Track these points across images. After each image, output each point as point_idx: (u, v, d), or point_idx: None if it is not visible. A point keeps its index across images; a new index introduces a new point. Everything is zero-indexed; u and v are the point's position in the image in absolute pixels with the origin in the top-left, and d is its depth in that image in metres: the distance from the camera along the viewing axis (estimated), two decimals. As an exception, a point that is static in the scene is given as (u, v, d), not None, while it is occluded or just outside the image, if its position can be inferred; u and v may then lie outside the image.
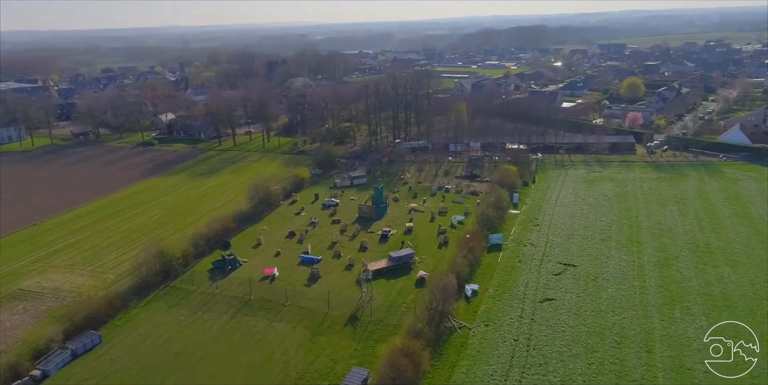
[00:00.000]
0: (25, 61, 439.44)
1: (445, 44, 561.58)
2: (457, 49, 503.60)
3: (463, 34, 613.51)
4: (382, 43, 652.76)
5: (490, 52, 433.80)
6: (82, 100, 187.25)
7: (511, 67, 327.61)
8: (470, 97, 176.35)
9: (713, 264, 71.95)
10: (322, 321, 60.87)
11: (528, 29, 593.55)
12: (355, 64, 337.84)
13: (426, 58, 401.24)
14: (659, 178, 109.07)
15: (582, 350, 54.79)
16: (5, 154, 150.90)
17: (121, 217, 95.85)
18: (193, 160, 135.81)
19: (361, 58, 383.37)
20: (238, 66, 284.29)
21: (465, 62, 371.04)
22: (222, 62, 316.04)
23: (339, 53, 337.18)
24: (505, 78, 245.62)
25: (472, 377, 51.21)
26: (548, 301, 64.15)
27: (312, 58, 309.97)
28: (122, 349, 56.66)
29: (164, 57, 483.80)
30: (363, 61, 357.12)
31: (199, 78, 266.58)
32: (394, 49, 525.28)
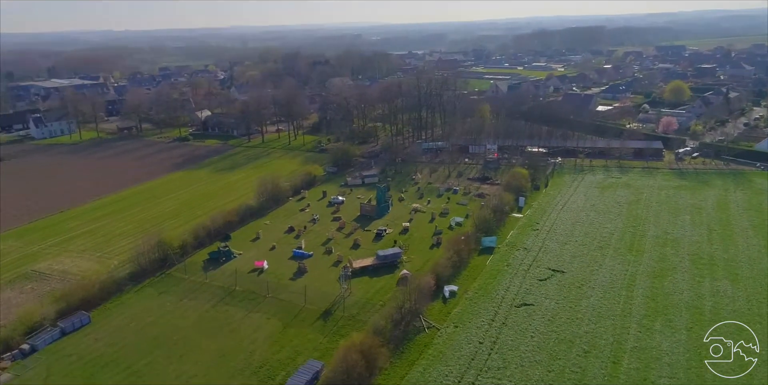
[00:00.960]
0: (95, 59, 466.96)
1: (497, 45, 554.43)
2: (507, 50, 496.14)
3: (515, 35, 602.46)
4: (435, 44, 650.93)
5: (540, 54, 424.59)
6: (129, 96, 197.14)
7: (558, 69, 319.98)
8: (504, 99, 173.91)
9: (712, 277, 68.91)
10: (297, 314, 62.69)
11: (584, 30, 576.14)
12: (399, 64, 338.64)
13: (473, 59, 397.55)
14: (680, 186, 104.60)
15: (545, 356, 54.09)
16: (56, 146, 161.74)
17: (139, 207, 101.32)
18: (219, 156, 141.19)
19: (406, 58, 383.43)
20: (282, 65, 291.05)
21: (512, 64, 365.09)
22: (270, 62, 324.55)
23: (382, 53, 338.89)
24: (546, 80, 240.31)
25: (426, 377, 51.63)
26: (525, 306, 63.48)
27: (355, 59, 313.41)
28: (107, 330, 60.50)
29: (221, 56, 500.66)
30: (407, 62, 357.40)
31: (244, 77, 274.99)
32: (445, 50, 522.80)
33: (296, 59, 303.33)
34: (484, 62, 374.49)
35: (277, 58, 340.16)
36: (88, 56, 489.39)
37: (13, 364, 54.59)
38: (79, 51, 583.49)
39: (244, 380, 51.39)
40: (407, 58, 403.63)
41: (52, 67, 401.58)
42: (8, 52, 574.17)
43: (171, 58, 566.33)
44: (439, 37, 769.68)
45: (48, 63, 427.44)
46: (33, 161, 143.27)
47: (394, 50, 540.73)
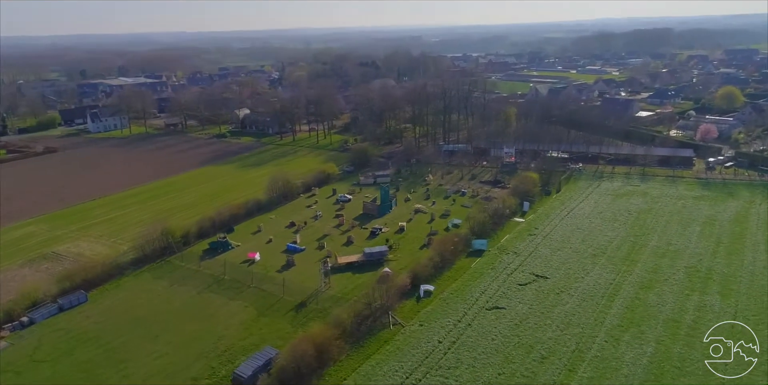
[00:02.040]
0: (163, 58, 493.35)
1: (556, 48, 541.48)
2: (565, 52, 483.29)
3: (576, 38, 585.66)
4: (495, 46, 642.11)
5: (598, 57, 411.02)
6: (176, 95, 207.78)
7: (612, 73, 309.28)
8: (540, 103, 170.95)
9: (702, 291, 66.17)
10: (273, 304, 65.51)
11: (650, 32, 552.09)
12: (448, 66, 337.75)
13: (526, 61, 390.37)
14: (700, 196, 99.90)
15: (500, 359, 54.17)
16: (107, 140, 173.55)
17: (162, 198, 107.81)
18: (249, 153, 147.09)
19: (456, 60, 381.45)
20: (330, 66, 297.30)
21: (565, 67, 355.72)
22: (322, 63, 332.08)
23: (429, 55, 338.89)
24: (593, 84, 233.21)
25: (377, 371, 52.97)
26: (496, 309, 63.43)
27: (402, 60, 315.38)
28: (100, 309, 65.58)
29: (281, 57, 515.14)
30: (456, 64, 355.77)
31: (292, 77, 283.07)
32: (504, 52, 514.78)
33: (344, 60, 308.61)
34: (537, 65, 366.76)
35: (327, 59, 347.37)
36: (157, 56, 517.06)
37: (11, 334, 60.39)
38: (151, 51, 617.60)
39: (207, 363, 54.57)
40: (460, 60, 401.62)
41: (123, 66, 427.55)
42: (89, 51, 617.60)
43: (235, 59, 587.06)
44: (501, 39, 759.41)
45: (121, 62, 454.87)
46: (82, 153, 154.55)
47: (450, 52, 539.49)
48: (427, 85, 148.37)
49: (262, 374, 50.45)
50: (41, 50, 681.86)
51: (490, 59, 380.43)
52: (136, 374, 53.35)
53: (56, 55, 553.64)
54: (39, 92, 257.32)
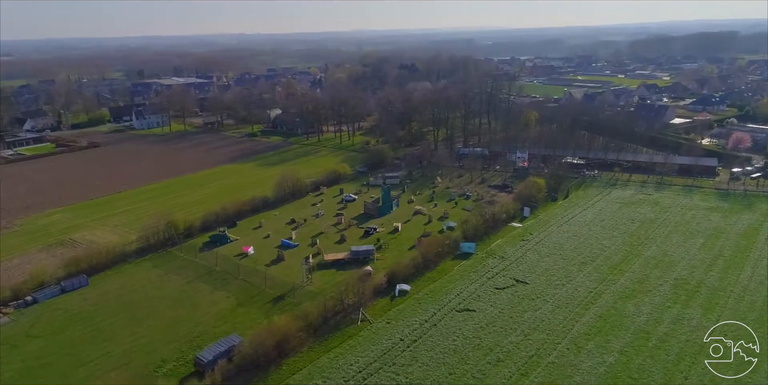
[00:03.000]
0: (218, 59, 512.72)
1: (611, 51, 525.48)
2: (619, 56, 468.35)
3: (632, 41, 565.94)
4: (550, 49, 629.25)
5: (652, 61, 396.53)
6: (214, 95, 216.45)
7: (663, 78, 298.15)
8: (569, 108, 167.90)
9: (685, 304, 64.44)
10: (254, 296, 68.58)
11: (712, 36, 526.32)
12: (490, 69, 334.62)
13: (573, 66, 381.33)
14: (714, 207, 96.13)
15: (456, 360, 54.98)
16: (148, 136, 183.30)
17: (181, 192, 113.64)
18: (274, 152, 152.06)
19: (500, 64, 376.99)
20: (370, 68, 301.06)
21: (614, 71, 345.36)
22: (363, 65, 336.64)
23: (472, 58, 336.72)
24: (635, 89, 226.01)
25: (332, 364, 54.88)
26: (467, 311, 64.05)
27: (443, 63, 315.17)
28: (97, 292, 70.61)
29: (331, 58, 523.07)
30: (500, 68, 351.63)
31: (332, 79, 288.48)
32: (559, 55, 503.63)
33: (385, 63, 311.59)
34: (584, 69, 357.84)
35: (370, 61, 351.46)
36: (214, 57, 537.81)
37: (15, 311, 66.10)
38: (211, 52, 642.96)
39: (178, 346, 58.11)
40: (507, 63, 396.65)
41: (178, 66, 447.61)
42: (154, 52, 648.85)
43: (288, 60, 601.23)
44: (557, 42, 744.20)
45: (179, 63, 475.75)
46: (122, 148, 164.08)
47: (501, 55, 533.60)
48: (449, 88, 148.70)
49: (222, 360, 53.28)
50: (110, 51, 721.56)
51: (535, 63, 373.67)
52: (114, 352, 57.49)
53: (124, 56, 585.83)
54: (96, 91, 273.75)
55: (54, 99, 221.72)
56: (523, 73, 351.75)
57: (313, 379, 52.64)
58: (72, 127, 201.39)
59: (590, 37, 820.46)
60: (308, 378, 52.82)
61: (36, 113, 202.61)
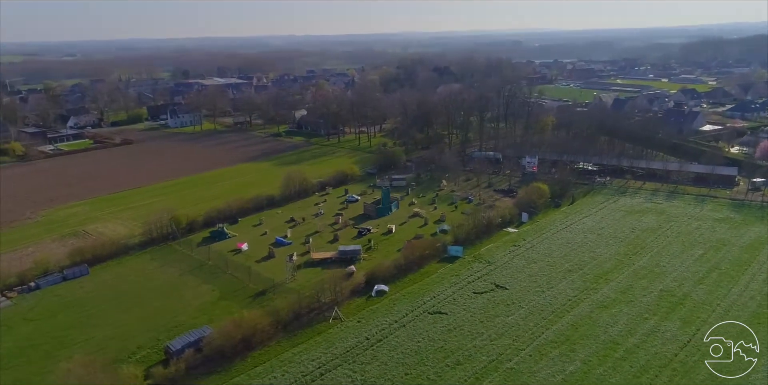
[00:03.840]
0: (263, 60, 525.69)
1: (661, 54, 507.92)
2: (668, 59, 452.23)
3: (684, 44, 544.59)
4: (599, 52, 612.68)
5: (701, 65, 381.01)
6: (251, 94, 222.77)
7: (708, 83, 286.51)
8: (597, 113, 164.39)
9: (664, 316, 62.80)
10: (237, 290, 71.18)
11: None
12: (527, 72, 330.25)
13: (616, 69, 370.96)
14: (724, 218, 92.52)
15: (415, 361, 55.67)
16: (179, 134, 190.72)
17: (195, 189, 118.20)
18: (293, 152, 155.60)
19: (539, 67, 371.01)
20: (403, 70, 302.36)
21: (657, 75, 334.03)
22: (396, 67, 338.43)
23: (508, 61, 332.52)
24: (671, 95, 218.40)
25: (296, 358, 56.52)
26: (438, 314, 64.50)
27: (479, 65, 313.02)
28: (95, 281, 74.90)
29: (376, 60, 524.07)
30: (537, 71, 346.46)
31: (365, 80, 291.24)
32: (607, 58, 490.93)
33: (419, 64, 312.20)
34: (627, 73, 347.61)
35: (404, 63, 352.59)
36: (261, 58, 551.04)
37: (18, 295, 70.98)
38: (259, 53, 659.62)
39: (156, 335, 61.07)
40: (549, 66, 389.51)
41: (222, 67, 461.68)
42: (206, 53, 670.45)
43: (334, 62, 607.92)
44: (607, 44, 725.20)
45: (227, 64, 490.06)
46: (153, 145, 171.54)
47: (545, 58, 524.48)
48: (464, 92, 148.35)
49: (190, 349, 55.84)
50: (166, 52, 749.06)
51: (575, 66, 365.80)
52: (96, 337, 61.07)
53: (177, 56, 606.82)
54: (139, 90, 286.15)
55: (97, 98, 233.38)
56: (562, 76, 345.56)
57: (273, 372, 54.46)
58: (111, 124, 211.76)
59: (644, 39, 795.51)
60: (269, 371, 54.68)
61: (79, 111, 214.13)
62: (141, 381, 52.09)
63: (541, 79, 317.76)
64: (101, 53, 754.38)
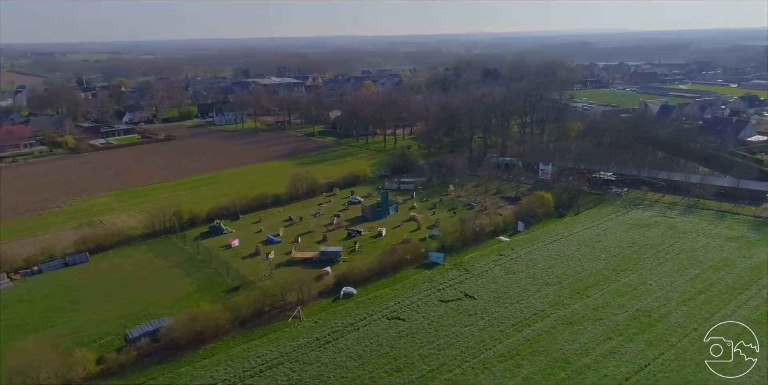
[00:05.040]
0: (323, 61, 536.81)
1: (740, 57, 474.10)
2: (747, 63, 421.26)
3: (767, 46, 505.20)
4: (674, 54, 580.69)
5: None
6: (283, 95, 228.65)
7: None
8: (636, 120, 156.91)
9: (630, 338, 59.78)
10: (214, 285, 74.11)
11: None
12: (583, 75, 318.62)
13: (683, 73, 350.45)
14: (737, 237, 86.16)
15: (355, 364, 56.15)
16: (221, 132, 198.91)
17: (213, 185, 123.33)
18: (319, 152, 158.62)
19: (606, 69, 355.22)
20: (452, 72, 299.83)
21: (726, 80, 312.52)
22: (445, 68, 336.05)
23: (561, 63, 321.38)
24: (731, 102, 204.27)
25: (243, 354, 58.17)
26: (396, 319, 64.52)
27: (530, 68, 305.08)
28: (92, 269, 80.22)
29: (434, 61, 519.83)
30: (593, 73, 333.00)
31: (411, 82, 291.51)
32: (682, 61, 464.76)
33: (467, 66, 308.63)
34: (693, 77, 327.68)
35: (457, 65, 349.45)
36: (323, 58, 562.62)
37: (21, 278, 77.25)
38: (323, 53, 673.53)
39: (125, 322, 64.38)
40: (611, 69, 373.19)
41: (283, 66, 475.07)
42: (272, 53, 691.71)
43: (395, 62, 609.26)
44: (686, 46, 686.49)
45: (288, 63, 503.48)
46: (192, 142, 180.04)
47: (612, 60, 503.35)
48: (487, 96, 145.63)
49: (146, 338, 59.00)
50: (236, 51, 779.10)
51: (635, 69, 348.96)
52: (74, 321, 65.58)
53: (246, 56, 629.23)
54: (196, 88, 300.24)
55: (153, 95, 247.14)
56: (621, 80, 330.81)
57: (218, 365, 56.49)
58: (163, 121, 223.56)
59: (727, 41, 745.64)
60: (214, 364, 56.79)
61: (135, 107, 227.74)
62: (93, 365, 55.58)
63: (596, 83, 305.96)
64: (177, 52, 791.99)
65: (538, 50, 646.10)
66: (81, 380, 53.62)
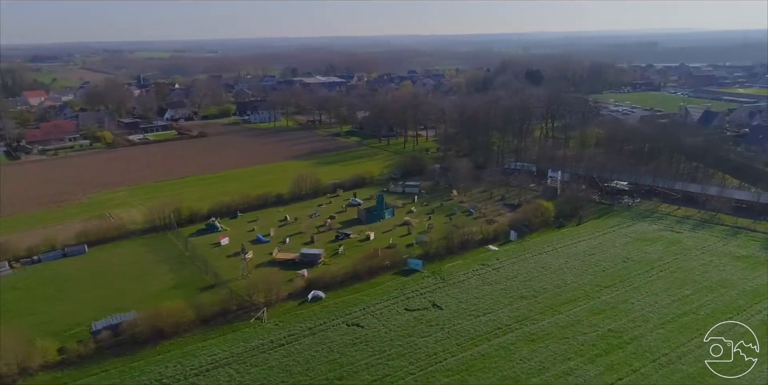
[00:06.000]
0: (381, 60, 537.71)
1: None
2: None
3: None
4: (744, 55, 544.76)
5: None
6: (336, 94, 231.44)
7: None
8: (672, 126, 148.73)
9: (592, 358, 56.90)
10: (192, 281, 76.07)
11: None
12: (633, 77, 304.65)
13: (746, 76, 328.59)
14: (745, 256, 79.99)
15: (301, 369, 56.23)
16: (253, 130, 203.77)
17: (225, 182, 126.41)
18: (338, 152, 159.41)
19: (668, 71, 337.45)
20: (492, 74, 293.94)
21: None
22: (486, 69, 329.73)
23: (605, 65, 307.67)
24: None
25: (197, 352, 59.41)
26: (356, 326, 64.12)
27: (575, 69, 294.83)
28: (88, 260, 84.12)
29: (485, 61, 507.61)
30: (645, 75, 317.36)
31: (451, 83, 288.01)
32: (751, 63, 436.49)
33: (509, 67, 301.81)
34: (755, 81, 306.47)
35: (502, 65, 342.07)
36: (375, 58, 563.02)
37: (21, 267, 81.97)
38: (376, 52, 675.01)
39: (97, 314, 66.67)
40: (662, 72, 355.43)
41: (332, 65, 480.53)
42: (330, 52, 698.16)
43: (449, 62, 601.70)
44: (759, 46, 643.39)
45: (340, 62, 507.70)
46: (222, 139, 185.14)
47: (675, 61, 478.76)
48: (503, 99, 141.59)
49: (108, 331, 61.27)
50: (292, 50, 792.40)
51: (690, 71, 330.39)
52: (54, 310, 68.95)
53: (301, 54, 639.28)
54: (241, 86, 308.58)
55: (195, 92, 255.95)
56: (675, 82, 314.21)
57: (170, 362, 57.87)
58: (202, 118, 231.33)
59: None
60: (166, 360, 58.24)
61: (177, 104, 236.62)
62: (54, 354, 58.21)
63: (646, 86, 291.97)
64: (239, 51, 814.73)
65: (597, 51, 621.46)
66: (38, 368, 56.34)
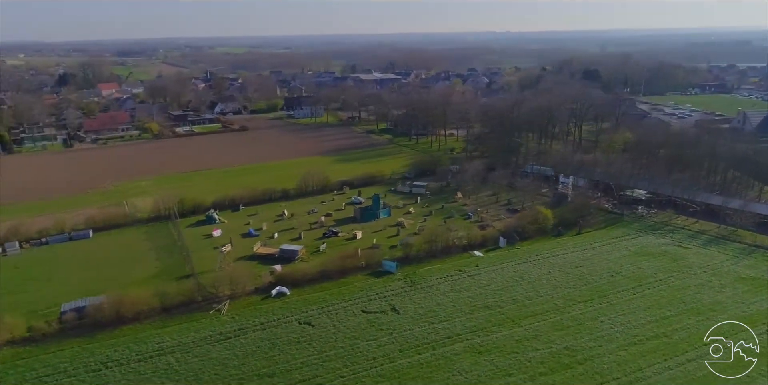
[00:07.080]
0: (446, 57, 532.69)
1: None
2: None
3: None
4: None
5: None
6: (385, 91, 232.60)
7: None
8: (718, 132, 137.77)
9: (532, 377, 53.87)
10: (173, 270, 78.75)
11: None
12: (705, 78, 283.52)
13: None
14: (752, 278, 72.41)
15: (236, 363, 56.94)
16: (294, 125, 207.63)
17: (242, 176, 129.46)
18: (365, 149, 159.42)
19: (721, 72, 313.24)
20: (547, 73, 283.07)
21: None
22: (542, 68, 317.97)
23: (673, 65, 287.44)
24: None
25: (148, 339, 61.47)
26: (306, 325, 64.13)
27: (636, 70, 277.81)
28: (89, 244, 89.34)
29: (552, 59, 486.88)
30: (720, 77, 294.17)
31: (501, 81, 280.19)
32: None
33: (568, 66, 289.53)
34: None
35: (563, 64, 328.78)
36: (440, 55, 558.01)
37: (29, 247, 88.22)
38: (443, 50, 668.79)
39: (77, 296, 70.69)
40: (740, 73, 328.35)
41: (392, 62, 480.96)
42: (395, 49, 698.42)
43: (516, 60, 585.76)
44: None
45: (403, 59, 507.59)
46: (261, 133, 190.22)
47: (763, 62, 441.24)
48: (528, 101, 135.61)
49: (74, 313, 64.76)
50: (355, 47, 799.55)
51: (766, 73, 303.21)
52: (41, 290, 73.62)
53: (370, 50, 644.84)
54: (294, 83, 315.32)
55: (248, 87, 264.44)
56: (755, 84, 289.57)
57: (120, 346, 60.13)
58: (251, 112, 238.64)
59: None
60: (118, 344, 60.65)
61: (227, 98, 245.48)
62: (23, 331, 62.27)
63: (717, 87, 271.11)
64: (310, 47, 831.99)
65: (678, 49, 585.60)
66: (4, 342, 60.47)
